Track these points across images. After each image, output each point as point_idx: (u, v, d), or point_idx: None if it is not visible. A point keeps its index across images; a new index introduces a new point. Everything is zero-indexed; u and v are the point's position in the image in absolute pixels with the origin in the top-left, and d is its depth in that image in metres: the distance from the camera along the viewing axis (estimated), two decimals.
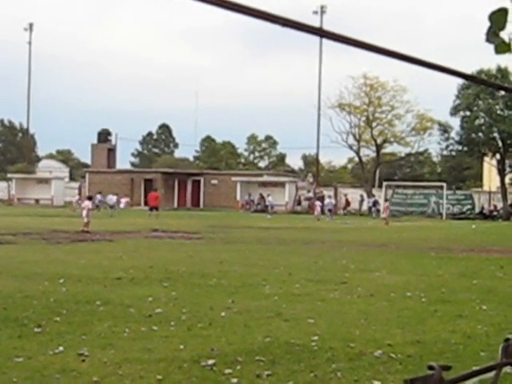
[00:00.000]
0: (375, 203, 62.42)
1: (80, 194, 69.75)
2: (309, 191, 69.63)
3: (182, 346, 8.50)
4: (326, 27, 1.24)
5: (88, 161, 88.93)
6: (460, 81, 55.49)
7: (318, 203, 56.96)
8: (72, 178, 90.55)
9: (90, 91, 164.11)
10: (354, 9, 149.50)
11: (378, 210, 59.69)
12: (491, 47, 2.17)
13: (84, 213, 31.72)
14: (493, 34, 2.11)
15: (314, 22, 68.04)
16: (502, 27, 2.11)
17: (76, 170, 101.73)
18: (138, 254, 20.42)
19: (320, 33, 1.23)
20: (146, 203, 63.24)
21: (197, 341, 8.84)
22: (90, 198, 34.76)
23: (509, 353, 1.56)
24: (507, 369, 1.57)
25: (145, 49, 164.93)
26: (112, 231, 30.73)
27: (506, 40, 2.16)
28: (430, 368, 1.39)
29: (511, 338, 1.57)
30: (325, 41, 1.30)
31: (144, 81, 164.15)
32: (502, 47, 2.16)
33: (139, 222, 40.81)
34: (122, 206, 57.86)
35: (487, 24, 2.11)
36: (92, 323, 9.85)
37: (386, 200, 53.90)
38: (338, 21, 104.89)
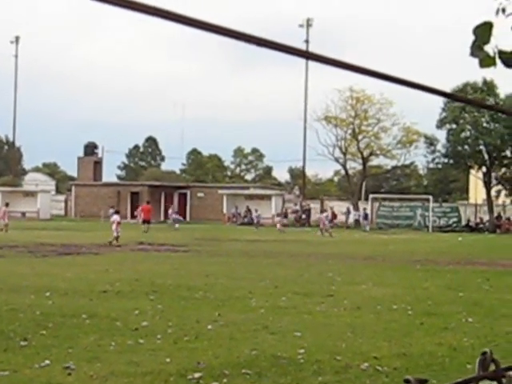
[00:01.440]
0: (366, 216, 62.43)
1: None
2: (295, 204, 69.66)
3: (168, 359, 8.47)
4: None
5: (74, 174, 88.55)
6: None
7: (277, 219, 55.86)
8: (58, 191, 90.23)
9: (76, 104, 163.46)
10: (340, 21, 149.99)
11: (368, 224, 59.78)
12: (476, 60, 2.18)
13: (113, 227, 32.78)
14: (477, 48, 2.12)
15: (301, 34, 68.43)
16: (487, 41, 2.12)
17: (62, 183, 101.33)
18: (124, 267, 20.36)
19: (306, 55, 1.23)
20: (133, 216, 63.04)
21: (183, 354, 8.82)
22: (117, 212, 35.47)
23: (486, 366, 1.57)
24: None
25: (130, 60, 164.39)
26: (98, 244, 30.64)
27: (491, 54, 2.17)
28: (407, 382, 1.39)
29: (488, 351, 1.57)
30: None
31: (130, 93, 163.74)
32: (486, 61, 2.17)
33: (125, 234, 40.64)
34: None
35: (472, 37, 2.12)
36: (78, 336, 9.82)
37: (321, 212, 53.22)
38: (323, 33, 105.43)
